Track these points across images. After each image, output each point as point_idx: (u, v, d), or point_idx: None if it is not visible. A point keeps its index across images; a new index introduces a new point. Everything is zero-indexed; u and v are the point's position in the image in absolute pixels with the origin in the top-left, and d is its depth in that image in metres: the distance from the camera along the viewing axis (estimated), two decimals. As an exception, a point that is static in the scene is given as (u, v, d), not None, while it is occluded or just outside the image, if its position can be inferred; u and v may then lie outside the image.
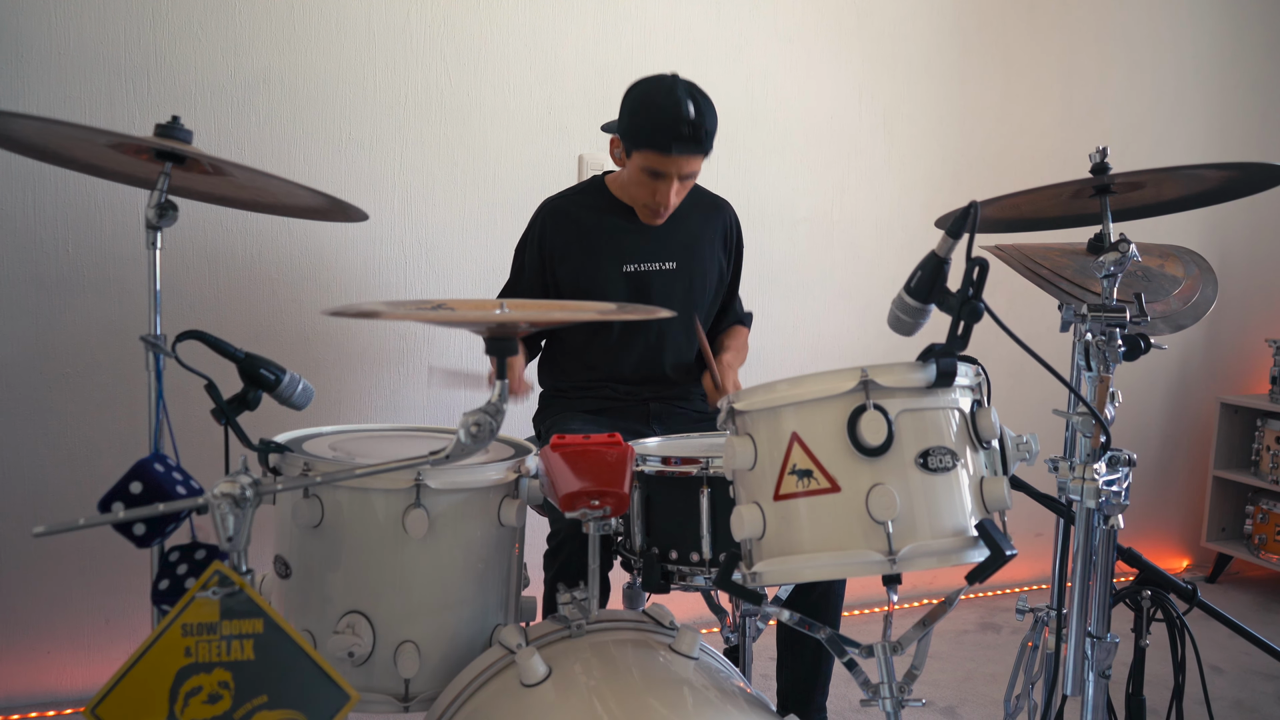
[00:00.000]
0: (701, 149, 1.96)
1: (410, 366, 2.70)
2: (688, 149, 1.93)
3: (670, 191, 1.99)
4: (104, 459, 2.42)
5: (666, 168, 1.96)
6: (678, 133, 1.91)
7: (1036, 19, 3.37)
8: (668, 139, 1.92)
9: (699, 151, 1.96)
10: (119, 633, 2.48)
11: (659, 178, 1.98)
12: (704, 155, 1.98)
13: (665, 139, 1.92)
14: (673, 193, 2.00)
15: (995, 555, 1.17)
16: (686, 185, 2.04)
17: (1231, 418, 3.64)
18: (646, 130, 1.95)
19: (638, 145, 1.97)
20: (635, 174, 2.01)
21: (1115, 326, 1.31)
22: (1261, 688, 2.74)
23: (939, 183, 3.30)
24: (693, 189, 2.21)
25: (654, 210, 2.05)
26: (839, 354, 3.22)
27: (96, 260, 2.39)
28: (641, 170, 1.99)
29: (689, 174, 2.00)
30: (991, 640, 3.04)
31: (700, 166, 2.01)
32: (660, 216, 2.07)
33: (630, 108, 1.99)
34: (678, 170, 1.97)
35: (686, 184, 2.03)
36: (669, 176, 1.97)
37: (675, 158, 1.94)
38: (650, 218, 2.09)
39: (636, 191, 2.05)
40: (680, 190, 2.02)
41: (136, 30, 2.36)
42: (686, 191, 2.06)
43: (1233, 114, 3.74)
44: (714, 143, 1.99)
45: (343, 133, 2.57)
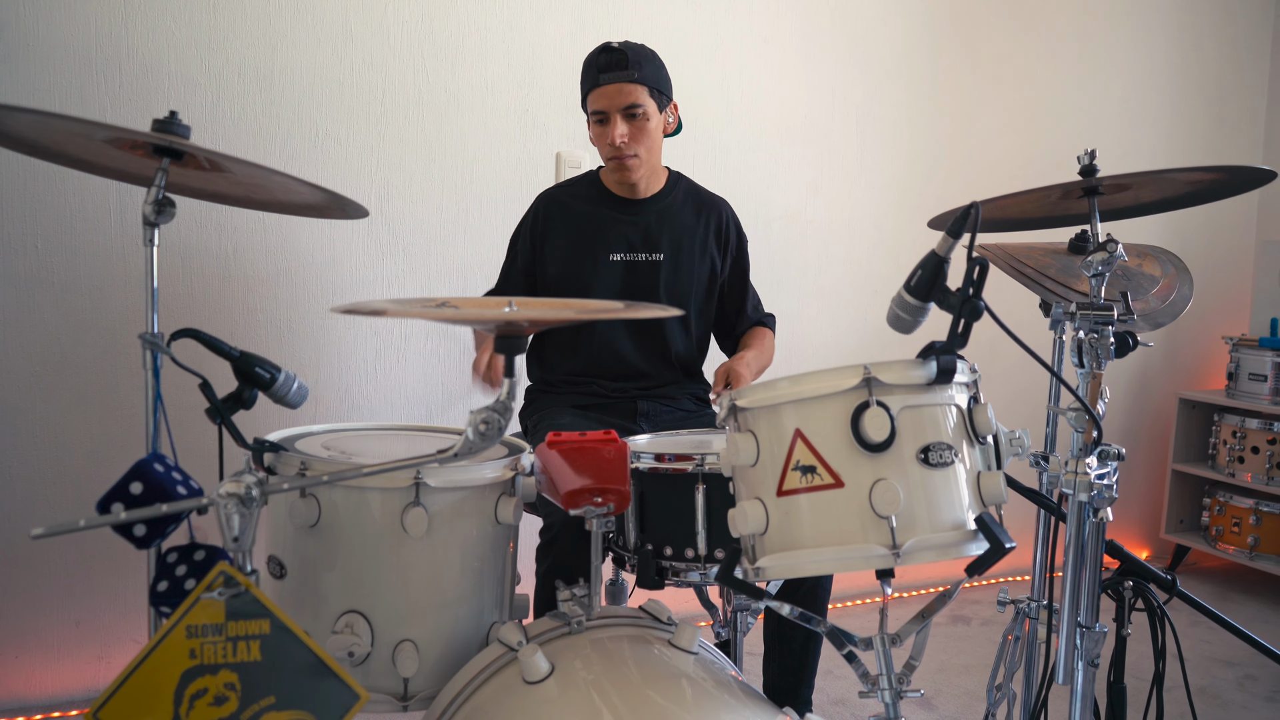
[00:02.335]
0: (628, 75, 2.02)
1: (387, 365, 2.69)
2: (614, 76, 2.01)
3: (616, 129, 2.03)
4: (75, 460, 2.37)
5: (601, 104, 2.04)
6: (599, 61, 2.02)
7: (1005, 23, 3.43)
8: (594, 71, 2.03)
9: (626, 77, 2.02)
10: (89, 636, 2.44)
11: (605, 119, 2.05)
12: (636, 83, 2.03)
13: (592, 72, 2.04)
14: (617, 130, 2.03)
15: (995, 548, 1.19)
16: (639, 126, 2.05)
17: (1189, 413, 3.75)
18: (583, 79, 2.08)
19: (583, 97, 2.09)
20: (592, 132, 2.11)
21: (1104, 324, 1.35)
22: (1222, 674, 2.83)
23: (910, 182, 3.35)
24: (690, 186, 2.22)
25: (618, 158, 2.07)
26: (811, 352, 3.25)
27: (66, 257, 2.34)
28: (593, 124, 2.09)
29: (629, 105, 2.03)
30: (962, 632, 3.09)
31: (640, 98, 2.03)
32: (628, 165, 2.08)
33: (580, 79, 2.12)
34: (613, 103, 2.03)
35: (638, 124, 2.05)
36: (609, 114, 2.04)
37: (605, 88, 2.02)
38: (620, 172, 2.10)
39: (600, 149, 2.12)
40: (634, 131, 2.04)
41: (108, 22, 2.31)
42: (643, 135, 2.06)
43: (1191, 117, 3.84)
44: (652, 74, 2.05)
45: (319, 129, 2.54)
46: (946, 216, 1.60)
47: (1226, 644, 3.03)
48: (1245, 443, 3.49)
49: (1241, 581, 3.69)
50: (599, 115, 2.05)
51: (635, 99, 2.03)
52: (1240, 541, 3.51)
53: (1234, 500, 3.54)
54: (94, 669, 2.45)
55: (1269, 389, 3.47)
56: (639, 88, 2.03)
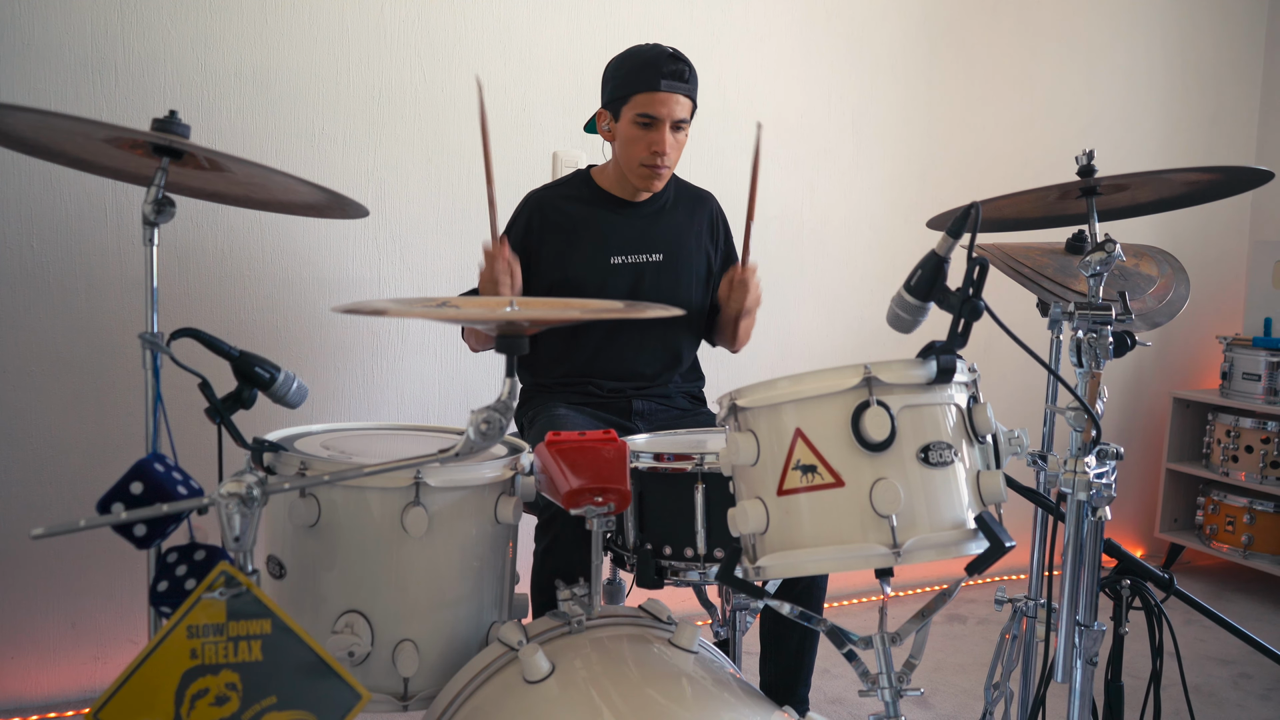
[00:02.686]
0: (689, 88, 2.00)
1: (383, 365, 2.68)
2: (676, 86, 1.97)
3: (665, 139, 1.99)
4: (71, 460, 2.36)
5: (658, 110, 1.98)
6: (665, 68, 1.96)
7: (999, 23, 3.44)
8: (655, 75, 1.96)
9: (687, 91, 2.00)
10: (85, 637, 2.43)
11: (652, 125, 1.99)
12: (691, 100, 2.02)
13: (653, 75, 1.96)
14: (668, 141, 2.00)
15: (995, 547, 1.20)
16: (680, 140, 2.04)
17: (1184, 412, 3.76)
18: (634, 74, 1.99)
19: (628, 92, 2.00)
20: (628, 132, 2.02)
21: (1102, 324, 1.35)
22: (1217, 673, 2.84)
23: (906, 183, 3.36)
24: (676, 181, 2.22)
25: (653, 167, 2.03)
26: (807, 352, 3.26)
27: (61, 256, 2.33)
28: (634, 124, 2.00)
29: (680, 120, 2.01)
30: (958, 631, 3.10)
31: (689, 113, 2.03)
32: (660, 175, 2.05)
33: (614, 67, 2.05)
34: (669, 112, 1.98)
35: (680, 138, 2.04)
36: (662, 121, 1.99)
37: (666, 95, 1.97)
38: (649, 180, 2.06)
39: (633, 151, 2.03)
40: (675, 144, 2.03)
41: (104, 23, 2.31)
42: (680, 150, 2.06)
43: (1185, 117, 3.85)
44: (696, 95, 2.04)
45: (316, 128, 2.54)
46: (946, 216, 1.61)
47: (1221, 642, 3.04)
48: (1239, 442, 3.51)
49: (1236, 580, 3.71)
50: (648, 119, 1.99)
51: (687, 114, 2.02)
52: (1234, 540, 3.52)
53: (1228, 499, 3.55)
54: (90, 670, 2.44)
55: (1263, 388, 3.49)
56: (691, 104, 2.02)
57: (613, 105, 2.05)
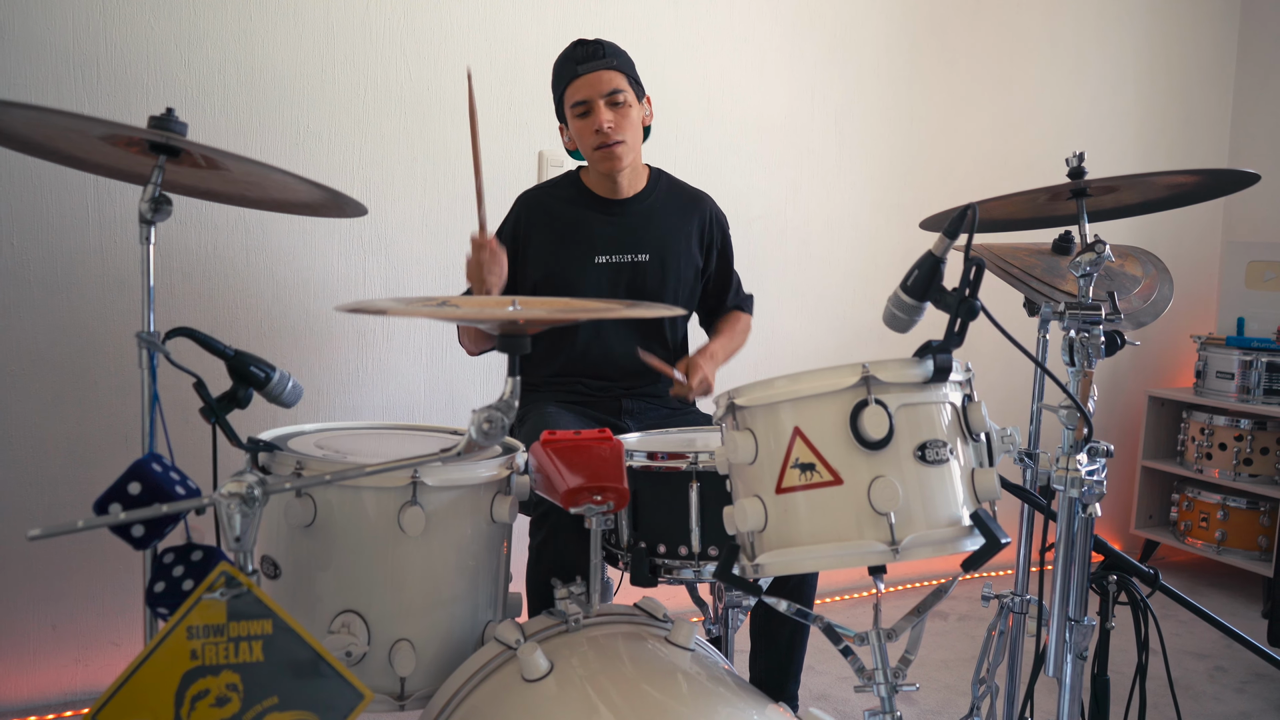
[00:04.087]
0: (607, 62, 2.04)
1: (370, 364, 2.67)
2: (591, 65, 2.03)
3: (602, 115, 2.03)
4: (52, 460, 2.34)
5: (583, 93, 2.03)
6: (575, 55, 2.05)
7: (980, 25, 3.48)
8: (570, 65, 2.05)
9: (605, 65, 2.04)
10: (67, 640, 2.40)
11: (587, 111, 2.04)
12: (620, 72, 2.05)
13: (568, 67, 2.05)
14: (603, 117, 2.03)
15: (991, 543, 1.22)
16: (622, 112, 2.05)
17: (1159, 410, 3.82)
18: (556, 77, 2.09)
19: (559, 94, 2.09)
20: (575, 126, 2.08)
21: (1093, 324, 1.37)
22: (1193, 666, 2.88)
23: (888, 183, 3.38)
24: (671, 183, 2.22)
25: (605, 148, 2.05)
26: (791, 351, 3.27)
27: (42, 254, 2.30)
28: (575, 119, 2.07)
29: (611, 92, 2.04)
30: (941, 627, 3.13)
31: (620, 84, 2.05)
32: (615, 153, 2.06)
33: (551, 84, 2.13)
34: (595, 90, 2.03)
35: (621, 111, 2.05)
36: (593, 101, 2.03)
37: (586, 77, 2.02)
38: (607, 161, 2.07)
39: (584, 143, 2.09)
40: (617, 118, 2.04)
41: (86, 18, 2.28)
42: (627, 122, 2.06)
43: (1160, 119, 3.91)
44: (627, 63, 2.08)
45: (301, 126, 2.52)
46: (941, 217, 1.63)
47: (1197, 636, 3.09)
48: (1213, 439, 3.57)
49: (1210, 575, 3.77)
50: (581, 106, 2.04)
51: (616, 84, 2.04)
52: (1208, 536, 3.58)
53: (1202, 496, 3.61)
54: (71, 673, 2.41)
55: (1236, 387, 3.55)
56: (618, 74, 2.05)
57: (560, 115, 2.13)
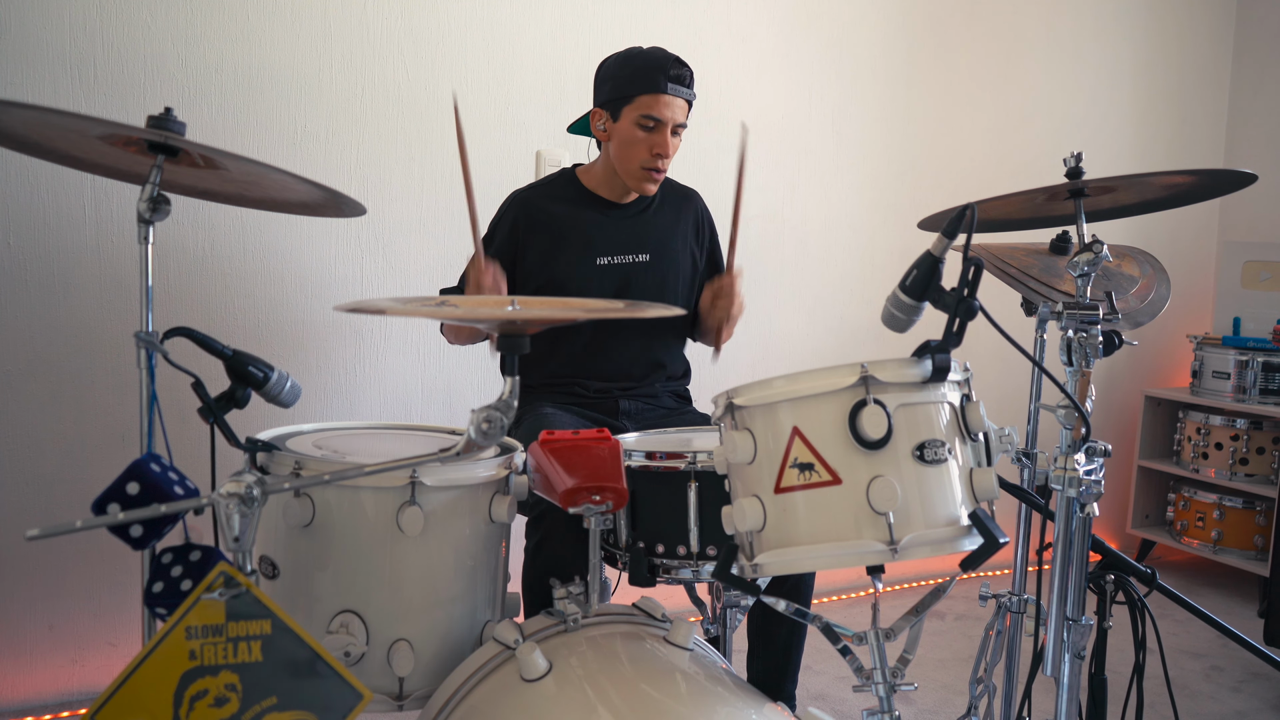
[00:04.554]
0: (691, 94, 2.02)
1: (366, 363, 2.67)
2: (680, 90, 2.00)
3: (668, 142, 2.01)
4: (48, 460, 2.33)
5: (663, 112, 1.99)
6: (670, 71, 1.98)
7: (977, 26, 3.48)
8: (662, 78, 1.97)
9: (689, 96, 2.02)
10: (63, 640, 2.40)
11: (655, 128, 2.00)
12: (690, 104, 2.04)
13: (659, 78, 1.97)
14: (670, 145, 2.01)
15: (989, 543, 1.22)
16: (677, 143, 2.05)
17: (1155, 410, 3.82)
18: (639, 75, 2.00)
19: (630, 92, 2.00)
20: (629, 133, 2.02)
21: (1091, 324, 1.38)
22: (1189, 666, 2.89)
23: (885, 183, 3.39)
24: (664, 182, 2.22)
25: (652, 169, 2.04)
26: (789, 351, 3.28)
27: (39, 253, 2.30)
28: (636, 125, 2.01)
29: (680, 124, 2.03)
30: (937, 627, 3.14)
31: (686, 120, 2.05)
32: (657, 178, 2.06)
33: (613, 67, 2.05)
34: (673, 114, 2.00)
35: (677, 141, 2.05)
36: (665, 123, 2.00)
37: (670, 99, 1.99)
38: (646, 183, 2.07)
39: (632, 153, 2.04)
40: (674, 148, 2.04)
41: (83, 18, 2.28)
42: (676, 151, 2.07)
43: (1156, 119, 3.92)
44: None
45: (298, 126, 2.52)
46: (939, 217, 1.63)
47: (1193, 636, 3.09)
48: (1209, 439, 3.57)
49: (1206, 575, 3.78)
50: (651, 121, 1.99)
51: (685, 119, 2.04)
52: (1204, 536, 3.59)
53: (1198, 495, 3.62)
54: (67, 673, 2.41)
55: (1232, 386, 3.55)
56: (688, 109, 2.04)
57: (612, 105, 2.04)
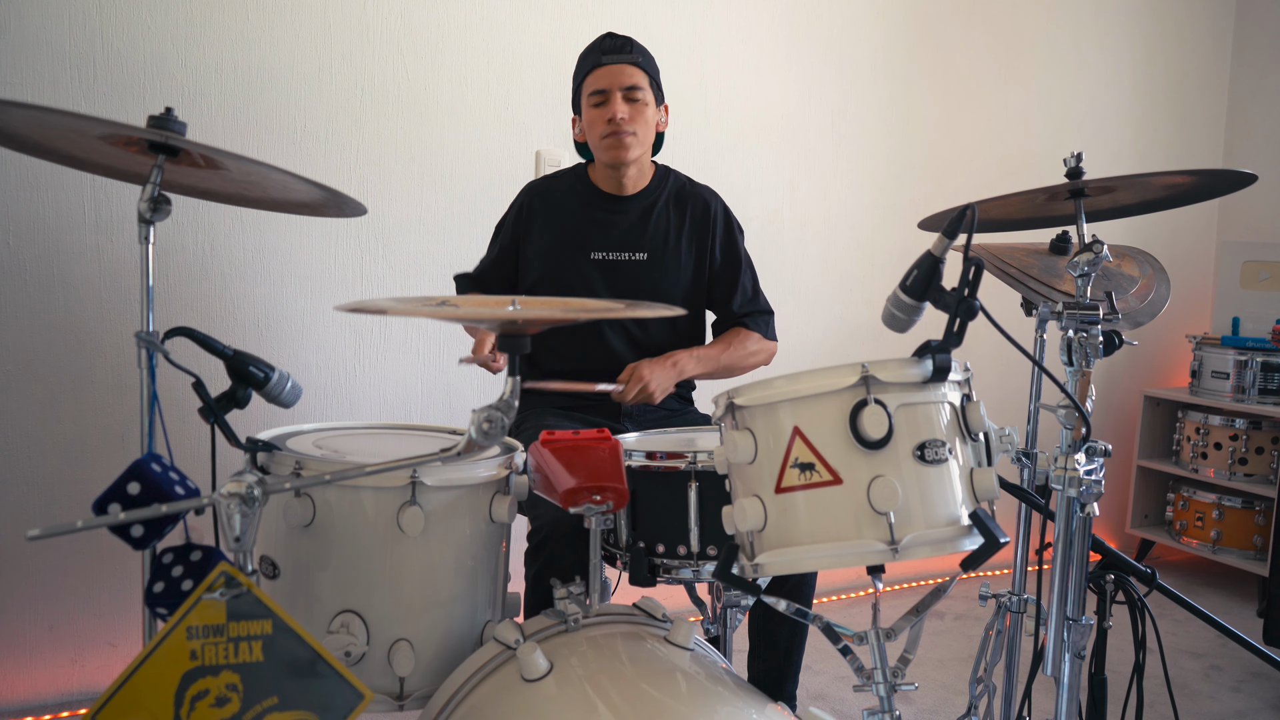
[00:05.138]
0: (632, 58, 2.05)
1: (366, 364, 2.67)
2: (616, 57, 2.04)
3: (617, 105, 2.03)
4: (48, 460, 2.33)
5: (603, 82, 2.04)
6: (602, 45, 2.06)
7: (977, 26, 3.48)
8: (595, 54, 2.06)
9: (630, 59, 2.05)
10: (63, 640, 2.40)
11: (603, 101, 2.05)
12: (641, 70, 2.07)
13: (593, 55, 2.07)
14: (618, 108, 2.03)
15: (990, 543, 1.22)
16: (638, 109, 2.06)
17: (1154, 409, 3.83)
18: (579, 66, 2.10)
19: (578, 82, 2.10)
20: (588, 116, 2.09)
21: (1091, 324, 1.38)
22: (1189, 665, 2.89)
23: (884, 183, 3.39)
24: (677, 180, 2.20)
25: (613, 135, 2.04)
26: (788, 351, 3.24)
27: (39, 253, 2.30)
28: (590, 107, 2.07)
29: (630, 86, 2.05)
30: (937, 627, 3.14)
31: (641, 81, 2.06)
32: (624, 142, 2.05)
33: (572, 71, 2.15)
34: (615, 82, 2.04)
35: (637, 107, 2.06)
36: (611, 91, 2.04)
37: (606, 68, 2.04)
38: (615, 150, 2.06)
39: (593, 131, 2.08)
40: (633, 112, 2.05)
41: (82, 17, 2.28)
42: (641, 118, 2.06)
43: (1155, 119, 3.92)
44: (651, 63, 2.10)
45: (298, 125, 2.52)
46: (939, 217, 1.63)
47: (1193, 635, 3.10)
48: (1208, 439, 3.58)
49: (1205, 575, 3.78)
50: (599, 96, 2.04)
51: (636, 81, 2.06)
52: (1203, 535, 3.59)
53: (1197, 495, 3.62)
54: (67, 673, 2.41)
55: (1231, 386, 3.56)
56: (640, 72, 2.07)
57: (574, 104, 2.14)
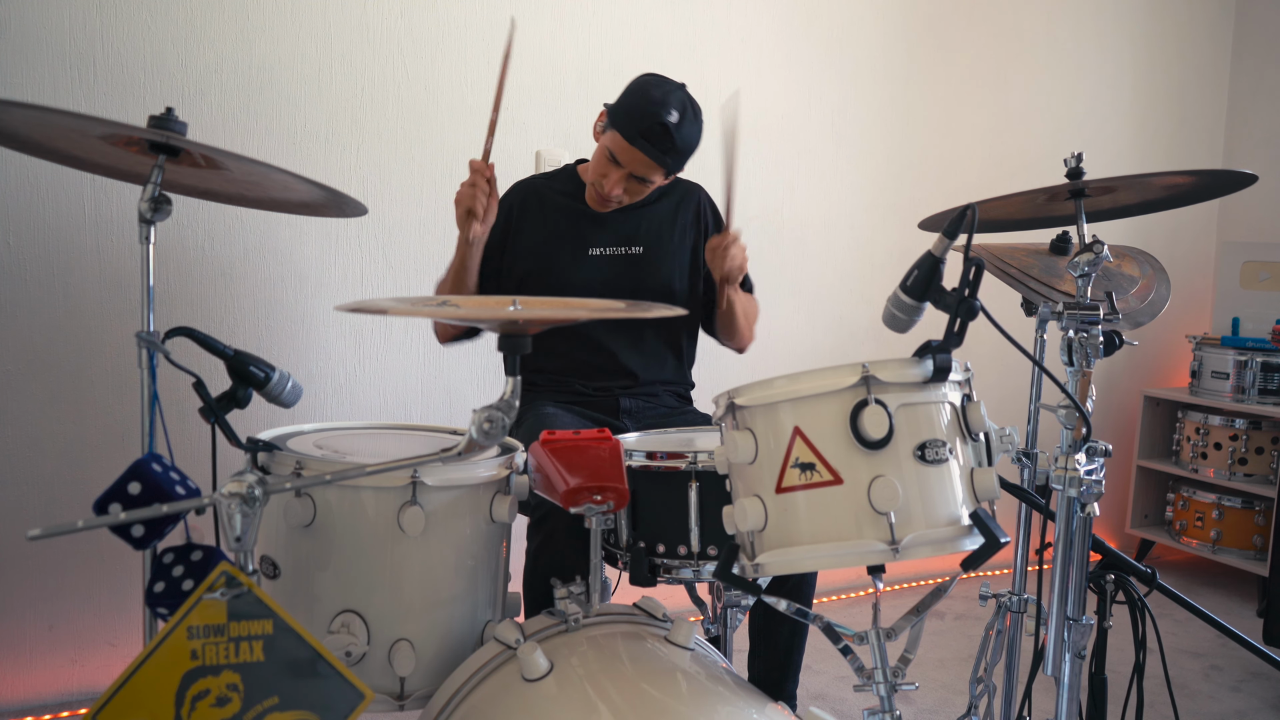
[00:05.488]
0: (663, 159, 1.95)
1: (365, 363, 2.67)
2: (649, 150, 1.93)
3: (615, 180, 1.99)
4: (48, 460, 2.33)
5: (623, 157, 1.97)
6: (648, 128, 1.91)
7: (977, 27, 3.48)
8: (635, 129, 1.92)
9: (660, 160, 1.95)
10: (63, 640, 2.40)
11: (613, 165, 2.00)
12: (663, 169, 1.98)
13: (634, 128, 1.92)
14: (616, 183, 2.00)
15: (990, 543, 1.22)
16: (638, 190, 2.05)
17: (1154, 410, 3.83)
18: (624, 113, 1.96)
19: (612, 123, 1.99)
20: (600, 152, 2.04)
21: (1091, 324, 1.38)
22: (1189, 665, 2.89)
23: (884, 183, 3.39)
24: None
25: (598, 193, 2.05)
26: (788, 351, 3.28)
27: (40, 253, 2.30)
28: (605, 149, 2.01)
29: (643, 177, 2.00)
30: (937, 627, 3.14)
31: (658, 180, 2.02)
32: (604, 203, 2.07)
33: (628, 89, 2.01)
34: (631, 166, 1.97)
35: (638, 187, 2.04)
36: (621, 167, 1.98)
37: (635, 151, 1.94)
38: (595, 200, 2.09)
39: (594, 168, 2.06)
40: (630, 189, 2.03)
41: (83, 18, 2.28)
42: (636, 196, 2.07)
43: (1154, 119, 3.92)
44: (681, 165, 2.01)
45: (298, 125, 2.52)
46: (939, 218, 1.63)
47: (1192, 635, 3.10)
48: (1208, 439, 3.58)
49: (1205, 574, 3.78)
50: (613, 158, 1.98)
51: (653, 178, 2.01)
52: (1203, 535, 3.59)
53: (1197, 495, 3.62)
54: (67, 673, 2.41)
55: (1231, 386, 3.56)
56: (660, 170, 1.99)
57: (610, 116, 2.01)
